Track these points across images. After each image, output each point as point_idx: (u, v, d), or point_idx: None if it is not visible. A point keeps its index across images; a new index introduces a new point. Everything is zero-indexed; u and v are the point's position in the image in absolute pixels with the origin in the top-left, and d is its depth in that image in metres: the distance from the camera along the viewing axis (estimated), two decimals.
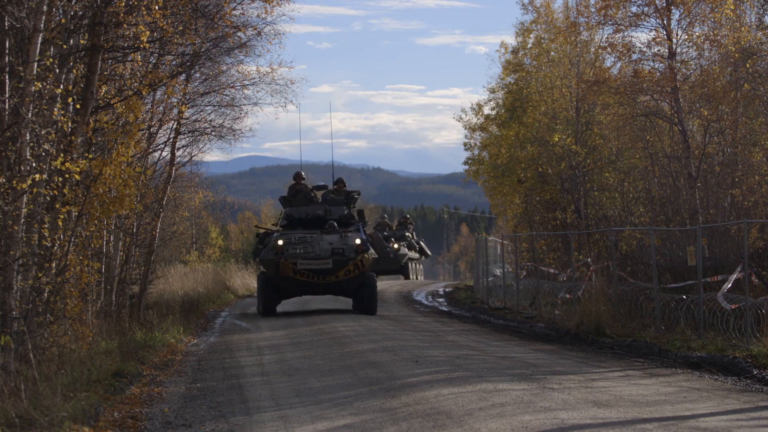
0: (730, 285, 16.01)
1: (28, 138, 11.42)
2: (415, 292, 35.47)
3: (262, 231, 26.65)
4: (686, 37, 22.23)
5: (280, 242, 23.90)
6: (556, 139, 29.64)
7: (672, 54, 21.96)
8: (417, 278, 45.13)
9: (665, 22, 22.00)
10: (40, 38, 11.61)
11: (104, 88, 15.81)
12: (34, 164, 11.50)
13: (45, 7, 11.72)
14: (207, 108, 25.27)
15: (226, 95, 24.99)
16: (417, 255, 45.66)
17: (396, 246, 40.91)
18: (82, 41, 13.70)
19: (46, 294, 12.15)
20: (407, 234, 44.48)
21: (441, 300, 33.01)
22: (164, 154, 24.66)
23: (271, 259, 23.97)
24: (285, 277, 23.92)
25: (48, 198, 12.20)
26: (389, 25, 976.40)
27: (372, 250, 24.67)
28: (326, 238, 24.16)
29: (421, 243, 46.19)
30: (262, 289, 24.86)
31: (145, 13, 13.59)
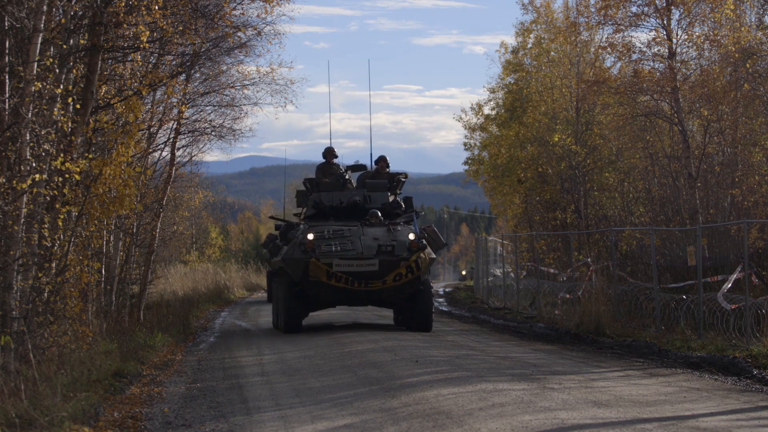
0: (730, 285, 16.01)
1: (28, 138, 11.41)
2: None
3: (282, 223, 21.47)
4: (686, 37, 22.24)
5: (311, 236, 18.66)
6: (556, 139, 29.64)
7: (672, 54, 21.96)
8: None
9: (665, 22, 22.01)
10: (40, 38, 11.60)
11: (104, 88, 15.82)
12: (34, 164, 11.49)
13: (45, 7, 11.72)
14: (207, 108, 25.29)
15: (226, 95, 25.01)
16: None
17: None
18: (82, 41, 13.69)
19: (46, 294, 12.14)
20: None
21: (441, 300, 33.01)
22: (164, 154, 24.69)
23: (297, 259, 18.79)
24: (315, 282, 18.79)
25: (48, 198, 12.19)
26: (386, 25, 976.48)
27: (429, 249, 19.37)
28: (369, 231, 19.12)
29: None
30: (283, 298, 19.40)
31: (145, 13, 13.58)
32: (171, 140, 24.33)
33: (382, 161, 21.69)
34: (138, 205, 19.32)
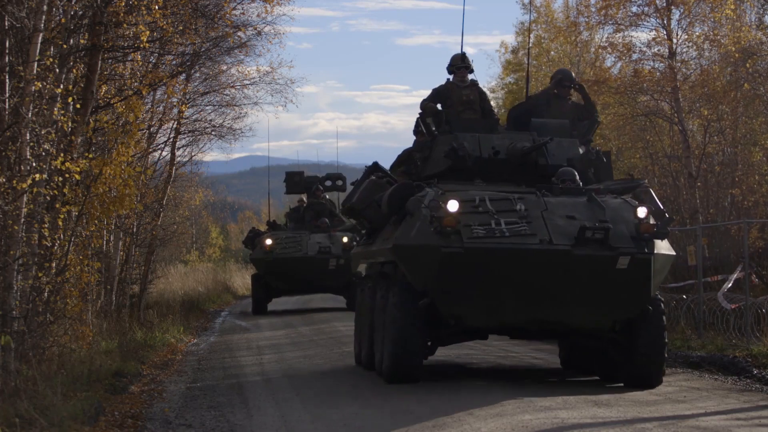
0: (730, 285, 16.02)
1: (28, 138, 11.41)
2: None
3: (379, 178, 12.79)
4: (686, 37, 22.27)
5: (455, 206, 10.68)
6: None
7: (672, 54, 21.97)
8: None
9: (665, 21, 22.02)
10: (40, 38, 11.60)
11: (104, 88, 15.82)
12: (34, 164, 11.49)
13: (45, 7, 11.72)
14: (207, 108, 25.35)
15: (226, 95, 25.06)
16: None
17: (345, 240, 24.43)
18: (82, 41, 13.70)
19: (46, 294, 12.14)
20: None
21: None
22: (164, 154, 24.72)
23: (426, 247, 10.77)
24: (454, 293, 10.88)
25: (48, 198, 12.19)
26: (367, 26, 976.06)
27: (666, 241, 11.40)
28: (556, 203, 11.13)
29: None
30: (394, 319, 11.16)
31: (145, 13, 13.59)
32: (171, 140, 24.36)
33: (565, 80, 13.12)
34: (138, 205, 19.32)
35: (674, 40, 22.09)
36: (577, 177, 11.69)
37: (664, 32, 22.05)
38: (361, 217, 13.05)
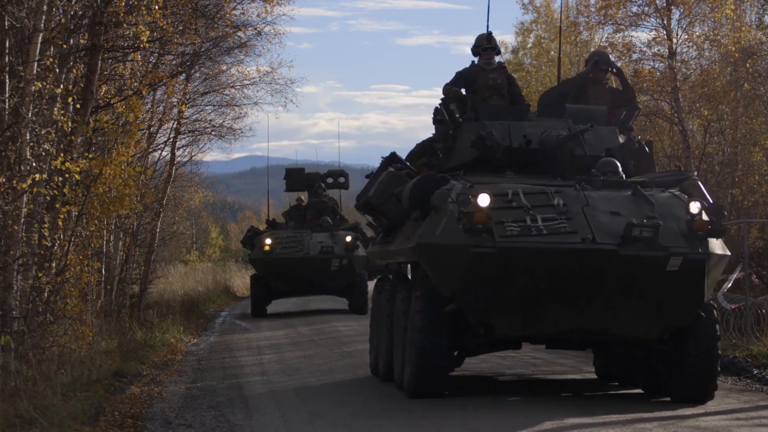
0: (730, 285, 16.01)
1: (28, 138, 11.43)
2: None
3: (398, 170, 11.71)
4: (686, 36, 22.27)
5: (486, 200, 9.66)
6: None
7: (672, 54, 21.97)
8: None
9: (665, 21, 22.02)
10: (40, 38, 11.61)
11: (104, 88, 15.83)
12: (34, 164, 11.50)
13: (45, 7, 11.73)
14: (207, 108, 25.36)
15: (226, 95, 25.08)
16: None
17: (348, 239, 23.49)
18: (82, 41, 13.71)
19: (46, 294, 12.15)
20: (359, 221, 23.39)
21: None
22: (164, 154, 24.72)
23: (452, 247, 9.69)
24: (485, 296, 9.74)
25: (48, 198, 12.20)
26: (367, 26, 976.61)
27: (721, 240, 10.30)
28: (597, 198, 10.00)
29: None
30: (419, 327, 10.05)
31: (145, 12, 13.60)
32: (171, 140, 24.37)
33: (602, 63, 12.24)
34: (138, 205, 19.33)
35: (674, 40, 22.09)
36: (620, 168, 10.61)
37: (664, 32, 22.05)
38: (378, 212, 11.90)
